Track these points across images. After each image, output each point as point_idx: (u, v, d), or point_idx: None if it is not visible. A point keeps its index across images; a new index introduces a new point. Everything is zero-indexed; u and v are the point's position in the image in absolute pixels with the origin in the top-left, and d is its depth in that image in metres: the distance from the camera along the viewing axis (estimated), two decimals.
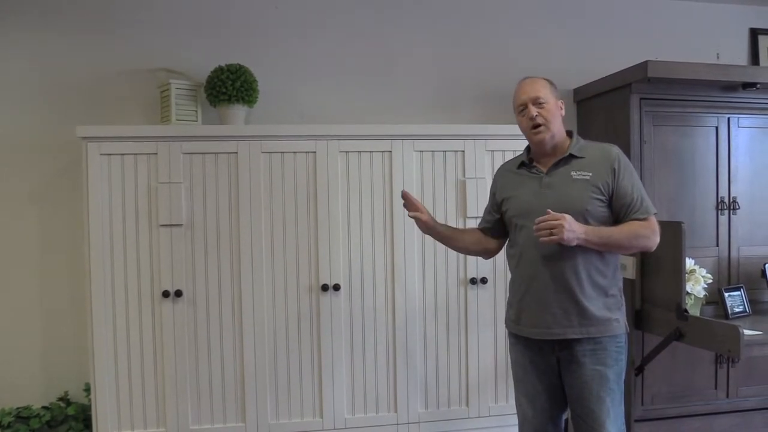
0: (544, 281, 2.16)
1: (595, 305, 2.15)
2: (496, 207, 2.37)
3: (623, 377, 2.21)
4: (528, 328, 2.21)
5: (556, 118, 2.22)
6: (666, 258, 2.70)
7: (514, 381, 2.35)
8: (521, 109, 2.23)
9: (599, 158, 2.20)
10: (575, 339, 2.15)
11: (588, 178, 2.17)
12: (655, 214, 2.20)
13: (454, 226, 2.77)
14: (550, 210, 2.05)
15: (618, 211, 2.18)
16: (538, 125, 2.18)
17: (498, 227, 2.39)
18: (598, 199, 2.16)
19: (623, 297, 2.25)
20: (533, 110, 2.18)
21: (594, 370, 2.15)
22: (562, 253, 2.13)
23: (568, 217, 2.05)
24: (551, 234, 2.03)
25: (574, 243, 2.07)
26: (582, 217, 2.12)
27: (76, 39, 3.14)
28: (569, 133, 2.28)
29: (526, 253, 2.20)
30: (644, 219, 2.17)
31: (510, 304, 2.32)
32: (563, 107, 2.27)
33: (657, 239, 2.19)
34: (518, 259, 2.24)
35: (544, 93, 2.21)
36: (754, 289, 3.21)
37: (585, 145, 2.26)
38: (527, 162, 2.29)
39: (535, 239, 2.12)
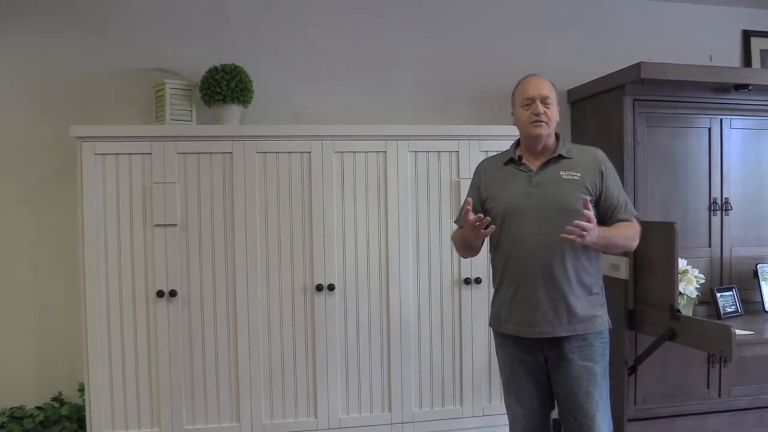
0: (534, 280, 2.18)
1: (582, 303, 2.19)
2: (481, 203, 2.33)
3: (608, 372, 2.26)
4: (518, 327, 2.23)
5: (555, 121, 2.26)
6: (659, 258, 2.71)
7: (502, 381, 2.37)
8: (527, 102, 2.23)
9: (586, 160, 2.25)
10: (564, 337, 2.18)
11: (577, 178, 2.20)
12: (636, 215, 2.27)
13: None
14: (587, 212, 2.03)
15: (604, 212, 2.24)
16: (541, 121, 2.20)
17: None
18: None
19: (604, 294, 2.30)
20: (540, 107, 2.20)
21: (582, 366, 2.18)
22: (551, 252, 2.15)
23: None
24: (580, 236, 2.02)
25: (587, 243, 2.07)
26: (572, 217, 2.14)
27: (71, 38, 3.14)
28: (556, 135, 2.31)
29: (514, 253, 2.21)
30: (629, 220, 2.24)
31: (496, 304, 2.33)
32: (559, 115, 2.30)
33: (638, 240, 2.27)
34: (506, 258, 2.24)
35: (552, 96, 2.25)
36: (746, 290, 3.23)
37: (571, 146, 2.31)
38: (516, 159, 2.29)
39: (524, 238, 2.17)
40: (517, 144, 2.35)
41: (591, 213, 2.04)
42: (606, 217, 2.23)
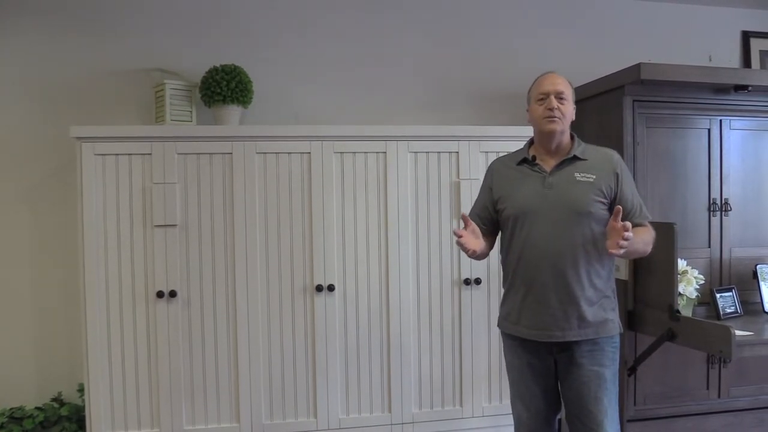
0: (546, 283, 2.14)
1: (593, 307, 2.16)
2: (492, 204, 2.30)
3: (618, 376, 2.23)
4: (527, 330, 2.20)
5: (569, 119, 2.22)
6: (658, 259, 2.71)
7: (509, 383, 2.35)
8: (542, 97, 2.20)
9: (602, 162, 2.21)
10: (574, 341, 2.15)
11: (592, 180, 2.16)
12: (650, 220, 2.24)
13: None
14: (626, 223, 1.96)
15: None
16: (554, 116, 2.17)
17: (495, 226, 2.34)
18: (600, 201, 2.16)
19: (616, 298, 2.27)
20: (554, 102, 2.17)
21: (592, 371, 2.16)
22: (563, 254, 2.13)
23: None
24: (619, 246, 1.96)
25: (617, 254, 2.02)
26: (585, 219, 2.12)
27: (71, 39, 3.14)
28: (571, 136, 2.28)
29: (526, 254, 2.18)
30: (643, 225, 2.20)
31: (506, 305, 2.30)
32: (574, 114, 2.26)
33: (653, 245, 2.23)
34: (517, 259, 2.21)
35: (568, 92, 2.21)
36: (746, 290, 3.22)
37: (587, 147, 2.26)
38: (529, 159, 2.26)
39: (536, 240, 2.14)
40: (531, 143, 2.31)
41: (628, 224, 1.97)
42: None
